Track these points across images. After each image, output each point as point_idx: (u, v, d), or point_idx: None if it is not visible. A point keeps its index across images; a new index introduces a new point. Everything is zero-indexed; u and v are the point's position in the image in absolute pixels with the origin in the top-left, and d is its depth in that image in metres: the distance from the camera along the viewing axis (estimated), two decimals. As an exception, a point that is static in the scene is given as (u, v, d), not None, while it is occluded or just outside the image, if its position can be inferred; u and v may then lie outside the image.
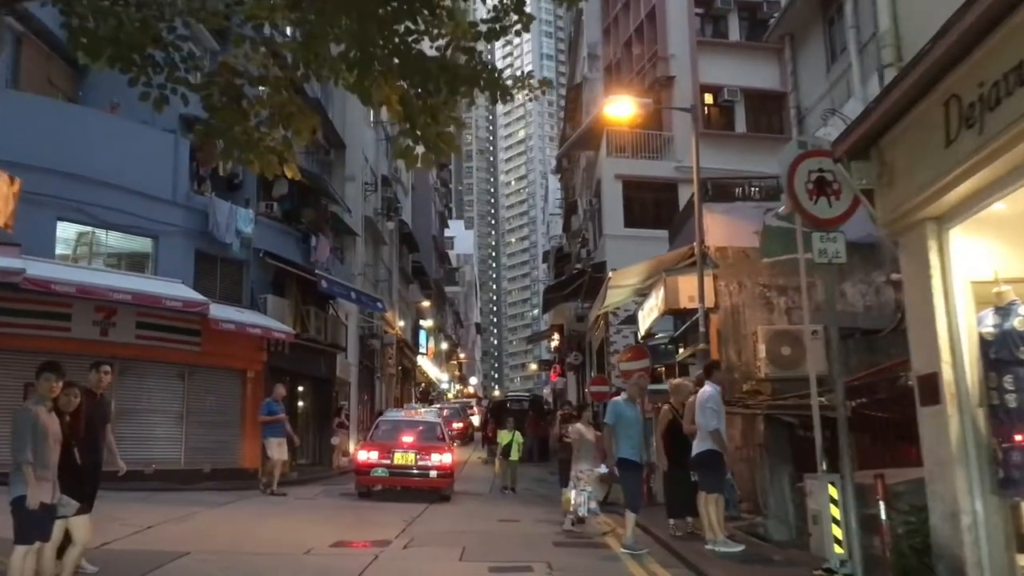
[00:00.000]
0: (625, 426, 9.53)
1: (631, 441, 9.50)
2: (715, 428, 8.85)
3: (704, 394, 9.09)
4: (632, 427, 9.58)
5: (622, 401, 9.90)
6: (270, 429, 16.47)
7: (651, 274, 12.85)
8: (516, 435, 18.23)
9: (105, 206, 17.31)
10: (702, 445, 8.98)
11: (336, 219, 26.12)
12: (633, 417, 9.68)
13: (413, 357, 45.05)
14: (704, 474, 9.12)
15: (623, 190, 24.76)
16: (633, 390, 10.17)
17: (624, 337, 23.89)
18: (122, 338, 17.18)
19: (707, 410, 8.97)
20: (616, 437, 9.51)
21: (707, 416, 8.93)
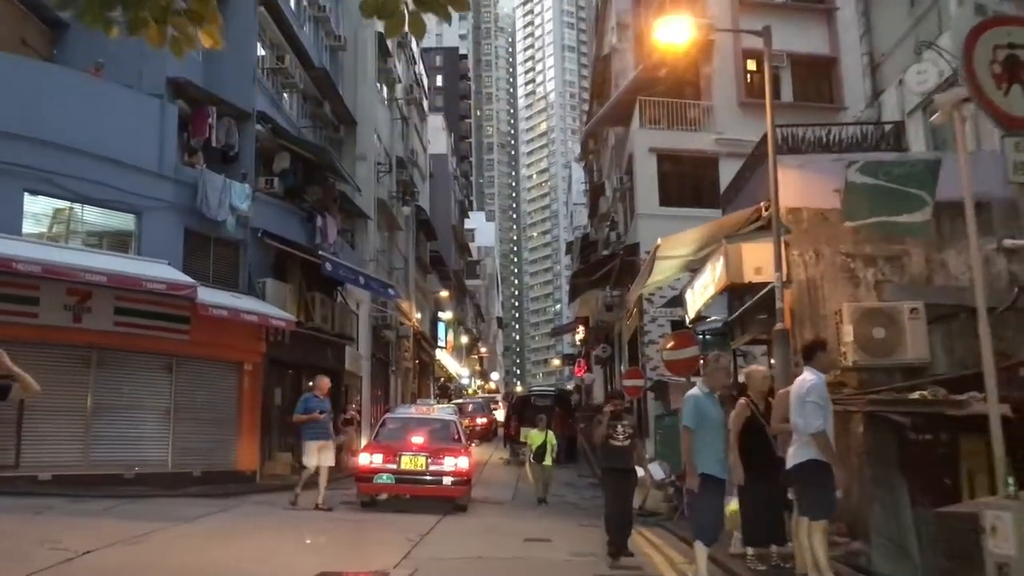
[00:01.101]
0: (708, 429, 7.19)
1: (713, 448, 7.18)
2: (820, 430, 6.56)
3: (804, 385, 6.79)
4: (715, 430, 7.29)
5: (702, 394, 7.39)
6: (309, 430, 13.40)
7: (707, 242, 10.67)
8: (550, 435, 16.02)
9: (80, 177, 15.37)
10: (803, 453, 6.70)
11: (345, 199, 24.11)
12: (716, 417, 7.38)
13: (431, 351, 43.05)
14: (806, 492, 6.81)
15: (658, 165, 22.56)
16: (714, 378, 7.57)
17: (660, 325, 21.75)
18: (98, 325, 15.25)
19: (808, 406, 6.67)
20: (696, 444, 7.18)
21: (809, 414, 6.63)
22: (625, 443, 9.05)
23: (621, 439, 9.02)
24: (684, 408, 7.31)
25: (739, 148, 22.01)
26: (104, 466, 15.21)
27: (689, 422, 7.24)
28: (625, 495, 9.17)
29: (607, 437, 9.04)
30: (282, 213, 20.14)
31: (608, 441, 9.05)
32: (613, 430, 9.03)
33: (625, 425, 9.15)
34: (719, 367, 7.76)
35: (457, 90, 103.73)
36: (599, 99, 31.56)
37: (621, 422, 9.14)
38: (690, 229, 10.81)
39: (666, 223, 21.99)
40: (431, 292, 43.00)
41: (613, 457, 9.12)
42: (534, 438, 15.81)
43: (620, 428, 9.05)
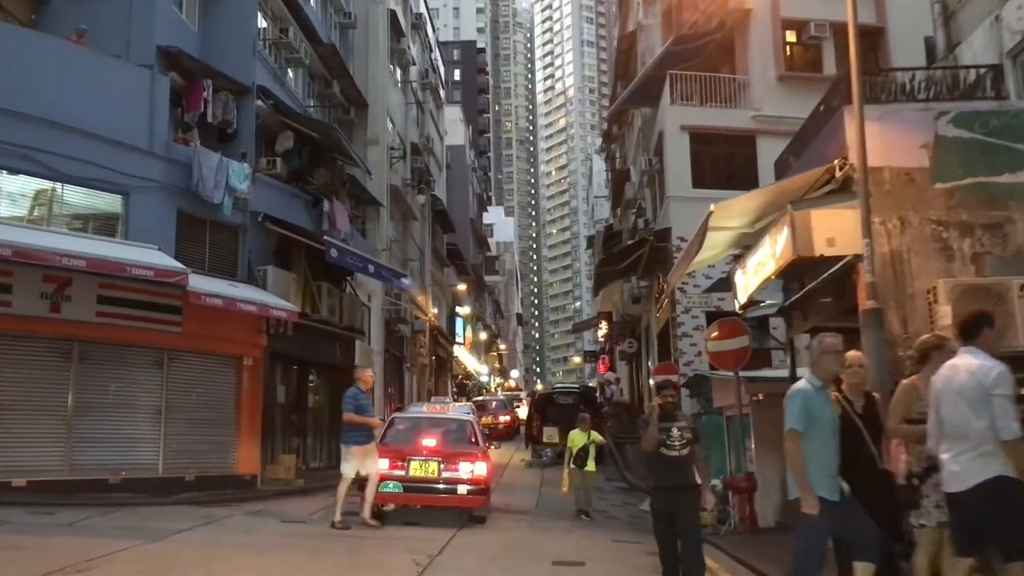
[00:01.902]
0: (817, 434, 5.27)
1: (821, 461, 5.25)
2: (1018, 435, 4.54)
3: (987, 372, 4.70)
4: (824, 436, 5.32)
5: (813, 388, 5.39)
6: (350, 433, 10.91)
7: (766, 210, 9.06)
8: (593, 435, 13.84)
9: (61, 154, 13.96)
10: (986, 467, 4.65)
11: (355, 184, 22.63)
12: (828, 419, 5.40)
13: (449, 347, 41.52)
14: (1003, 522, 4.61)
15: (690, 144, 20.88)
16: (824, 365, 5.47)
17: (694, 317, 20.16)
18: (79, 315, 13.84)
19: (998, 401, 4.59)
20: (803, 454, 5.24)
21: (1002, 413, 4.58)
22: (683, 452, 6.86)
23: (677, 447, 6.83)
24: (788, 406, 5.41)
25: (778, 126, 20.48)
26: (87, 471, 13.81)
27: (796, 423, 5.26)
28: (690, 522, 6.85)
29: (658, 444, 6.84)
30: (285, 196, 18.68)
31: (660, 450, 6.83)
32: (666, 435, 6.83)
33: (682, 428, 6.93)
34: (829, 350, 5.48)
35: (475, 84, 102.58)
36: (623, 80, 29.91)
37: (675, 423, 6.95)
38: (746, 194, 9.19)
39: (699, 206, 20.14)
40: (448, 285, 41.49)
41: (667, 471, 6.85)
42: (575, 438, 13.63)
43: (675, 432, 6.84)
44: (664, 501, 6.91)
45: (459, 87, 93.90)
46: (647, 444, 7.03)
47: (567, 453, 13.58)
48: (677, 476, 6.87)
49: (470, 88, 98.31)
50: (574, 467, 13.37)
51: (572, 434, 13.79)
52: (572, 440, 13.65)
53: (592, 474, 13.55)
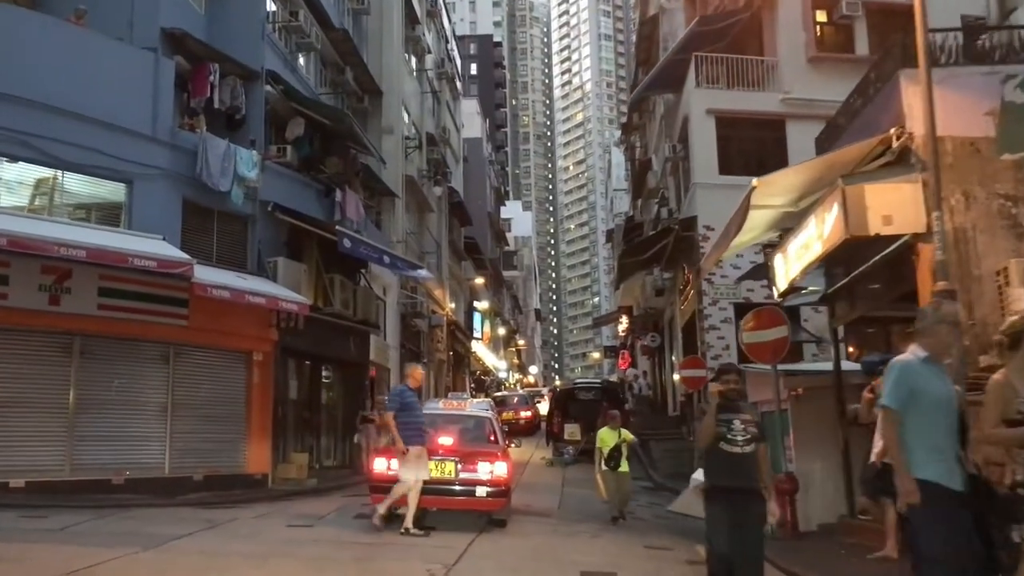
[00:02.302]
0: (924, 412, 4.40)
1: (933, 442, 4.37)
2: None
3: None
4: (936, 414, 4.43)
5: (916, 360, 4.51)
6: (404, 433, 9.84)
7: (812, 186, 8.24)
8: (625, 433, 12.60)
9: (61, 140, 13.37)
10: None
11: (369, 174, 21.94)
12: (941, 395, 4.48)
13: (467, 342, 40.81)
14: None
15: (716, 128, 20.02)
16: (937, 337, 4.54)
17: (721, 309, 19.34)
18: (80, 308, 13.24)
19: None
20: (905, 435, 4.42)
21: None
22: (746, 449, 5.76)
23: (740, 442, 5.74)
24: (887, 379, 4.60)
25: (809, 109, 19.60)
26: (89, 471, 13.22)
27: (891, 400, 4.45)
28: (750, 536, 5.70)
29: (717, 438, 5.77)
30: (296, 185, 18.01)
31: (719, 445, 5.78)
32: (727, 427, 5.76)
33: (746, 421, 5.81)
34: (945, 319, 4.57)
35: (492, 78, 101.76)
36: (644, 66, 29.03)
37: (739, 415, 5.83)
38: (791, 168, 8.39)
39: (727, 194, 19.32)
40: (466, 279, 40.78)
41: (728, 471, 5.75)
42: (606, 438, 12.44)
43: (737, 425, 5.75)
44: (723, 506, 5.73)
45: (476, 81, 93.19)
46: (703, 437, 5.94)
47: (597, 454, 12.49)
48: (741, 477, 5.73)
49: (487, 83, 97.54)
50: (606, 469, 12.24)
51: (601, 433, 12.67)
52: (602, 439, 12.53)
53: (626, 475, 12.49)
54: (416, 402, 10.32)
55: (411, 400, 10.18)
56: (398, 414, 9.88)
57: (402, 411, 9.93)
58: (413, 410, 10.08)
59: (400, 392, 10.29)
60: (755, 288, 19.10)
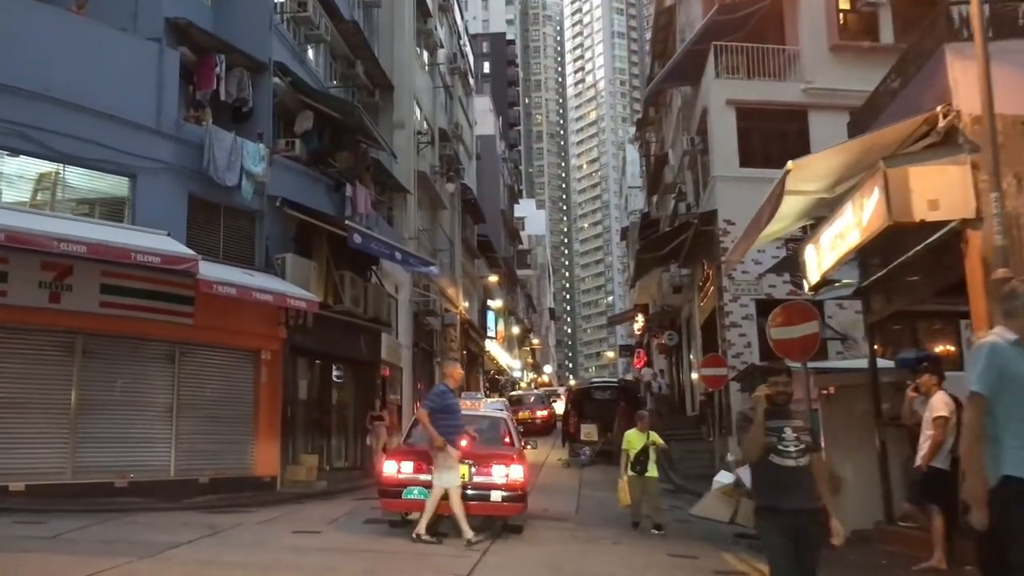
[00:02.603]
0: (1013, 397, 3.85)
1: None
2: None
3: None
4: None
5: (1006, 344, 3.95)
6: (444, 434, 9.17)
7: (848, 170, 7.69)
8: (653, 435, 11.74)
9: (62, 133, 12.99)
10: None
11: (380, 169, 21.48)
12: None
13: (480, 341, 40.32)
14: None
15: (737, 119, 19.43)
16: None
17: (743, 305, 18.73)
18: (81, 306, 12.85)
19: None
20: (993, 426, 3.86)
21: None
22: (800, 461, 4.92)
23: (793, 454, 4.91)
24: (972, 363, 4.03)
25: (832, 99, 19.04)
26: (92, 473, 12.83)
27: (981, 385, 3.90)
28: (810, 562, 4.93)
29: (766, 450, 4.91)
30: (305, 180, 17.58)
31: (769, 458, 4.92)
32: (778, 437, 4.91)
33: (798, 429, 4.99)
34: None
35: (504, 77, 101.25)
36: (661, 59, 28.45)
37: (790, 422, 5.02)
38: (827, 150, 7.84)
39: (748, 187, 18.86)
40: (479, 277, 40.30)
41: (782, 487, 4.89)
42: (632, 440, 11.60)
43: (789, 434, 4.92)
44: (779, 529, 4.89)
45: (488, 80, 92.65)
46: (750, 449, 5.00)
47: (623, 457, 11.68)
48: (796, 494, 4.88)
49: (500, 81, 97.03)
50: (633, 474, 11.41)
51: (629, 435, 11.85)
52: (629, 442, 11.64)
53: (655, 481, 11.64)
54: (457, 405, 9.72)
55: (453, 402, 9.59)
56: (435, 415, 9.25)
57: (440, 412, 9.29)
58: (454, 413, 9.46)
59: (442, 393, 9.56)
60: (777, 284, 18.53)
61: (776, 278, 18.48)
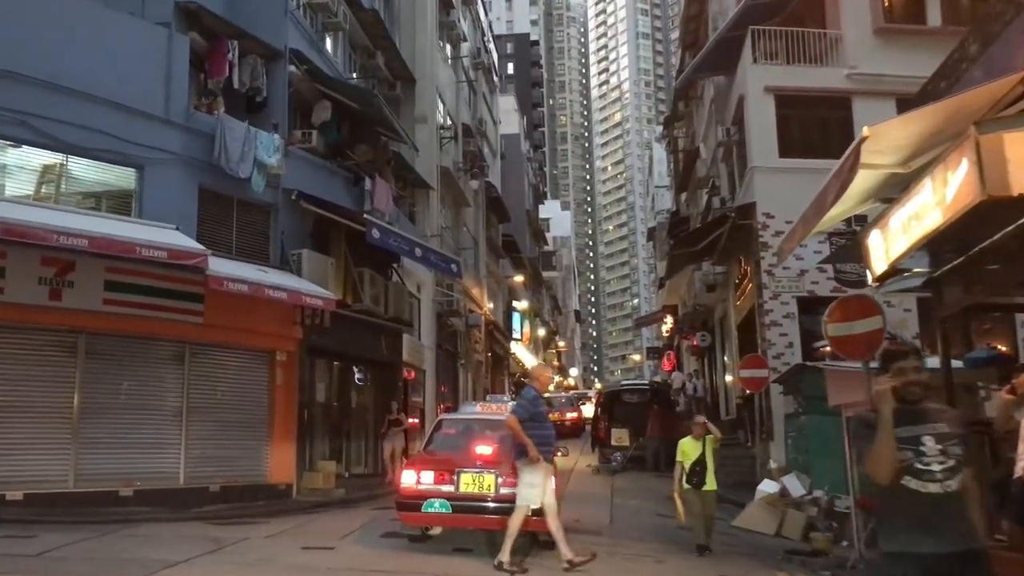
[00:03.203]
0: None
1: None
2: None
3: None
4: None
5: None
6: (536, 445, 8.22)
7: (928, 141, 6.67)
8: (709, 440, 10.31)
9: (65, 121, 12.28)
10: None
11: (401, 163, 20.68)
12: None
13: (506, 343, 39.42)
14: None
15: (776, 108, 18.42)
16: None
17: (783, 303, 17.69)
18: (84, 303, 12.13)
19: None
20: None
21: None
22: (949, 485, 3.54)
23: (938, 474, 3.54)
24: None
25: (877, 85, 18.03)
26: (95, 481, 12.10)
27: None
28: None
29: (898, 469, 3.53)
30: (322, 173, 16.80)
31: (901, 482, 3.56)
32: (914, 450, 3.57)
33: (945, 438, 3.59)
34: None
35: (528, 78, 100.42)
36: (692, 49, 27.44)
37: (930, 427, 3.63)
38: (906, 114, 6.83)
39: (788, 178, 17.93)
40: (505, 277, 39.43)
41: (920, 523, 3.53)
42: (687, 450, 10.24)
43: (930, 444, 3.57)
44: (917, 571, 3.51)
45: (513, 81, 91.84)
46: (878, 469, 3.57)
47: (677, 469, 10.41)
48: (947, 534, 3.52)
49: (524, 82, 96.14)
50: (688, 487, 10.06)
51: (683, 444, 10.43)
52: (683, 452, 10.33)
53: (712, 495, 10.25)
54: (545, 413, 8.79)
55: (543, 409, 8.66)
56: (525, 423, 8.24)
57: (529, 421, 8.31)
58: (543, 422, 8.51)
59: (534, 399, 8.49)
60: (820, 280, 17.51)
61: (819, 274, 17.48)
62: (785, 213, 17.90)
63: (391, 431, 16.88)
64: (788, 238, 9.14)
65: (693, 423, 10.55)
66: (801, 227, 8.10)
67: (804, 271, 17.66)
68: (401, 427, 16.76)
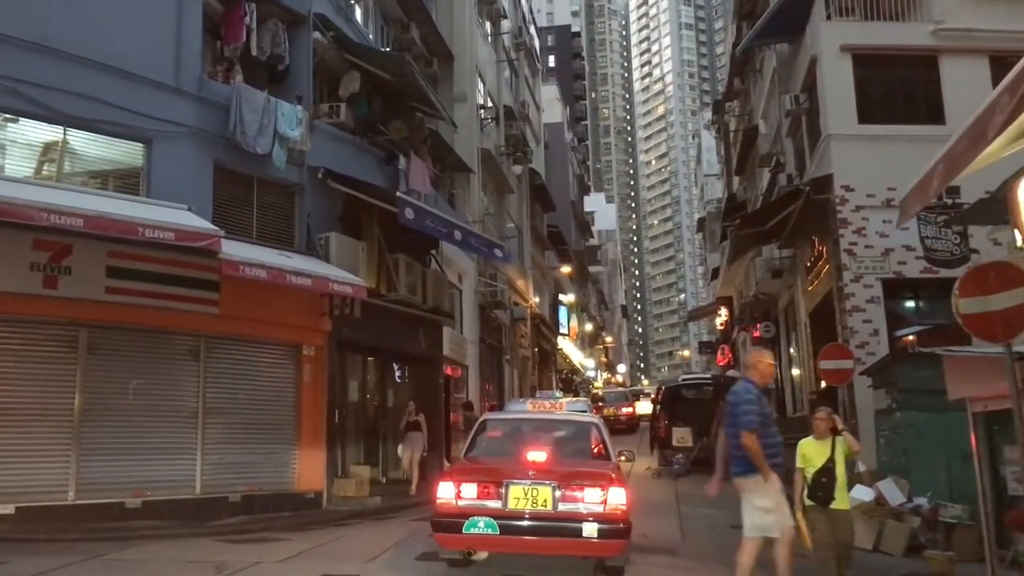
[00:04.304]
0: None
1: None
2: None
3: None
4: None
5: None
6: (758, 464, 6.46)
7: None
8: (841, 442, 7.65)
9: (65, 90, 10.97)
10: None
11: (439, 143, 19.15)
12: None
13: (552, 338, 37.73)
14: None
15: (854, 68, 16.51)
16: None
17: (867, 286, 15.78)
18: (84, 292, 10.81)
19: None
20: None
21: None
22: None
23: None
24: None
25: (967, 42, 16.24)
26: (99, 492, 10.79)
27: None
28: None
29: None
30: (352, 150, 15.35)
31: None
32: None
33: None
34: None
35: (570, 70, 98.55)
36: (749, 19, 25.47)
37: None
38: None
39: (869, 147, 16.05)
40: (551, 268, 37.76)
41: None
42: (809, 454, 7.73)
43: None
44: None
45: (554, 74, 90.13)
46: None
47: (798, 477, 7.79)
48: None
49: (566, 75, 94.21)
50: (812, 504, 7.60)
51: (802, 445, 7.85)
52: (804, 456, 7.79)
53: (847, 515, 7.82)
54: (772, 414, 6.95)
55: (769, 410, 6.90)
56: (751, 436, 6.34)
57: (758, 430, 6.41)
58: (770, 426, 6.63)
59: (757, 397, 6.56)
60: (908, 260, 15.60)
61: (907, 253, 15.57)
62: (866, 185, 16.05)
63: (409, 435, 15.12)
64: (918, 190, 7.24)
65: (815, 418, 8.00)
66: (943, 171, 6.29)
67: (889, 250, 15.76)
68: (420, 430, 15.00)
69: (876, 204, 15.77)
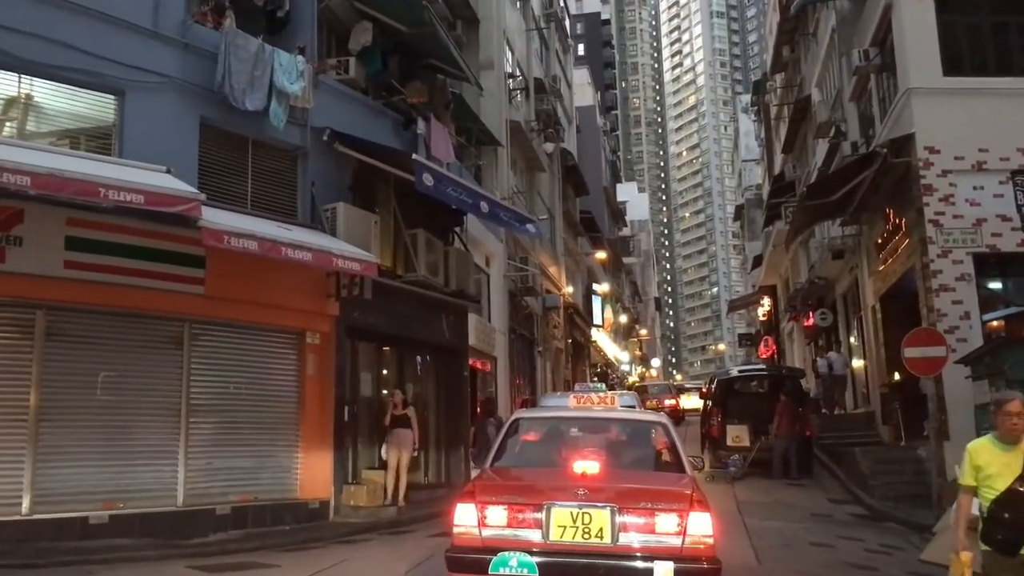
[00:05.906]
0: None
1: None
2: None
3: None
4: None
5: None
6: None
7: None
8: None
9: (24, 31, 9.25)
10: None
11: (463, 110, 17.25)
12: None
13: (586, 330, 35.70)
14: None
15: (936, 13, 14.37)
16: None
17: (956, 262, 13.68)
18: (38, 268, 9.09)
19: None
20: None
21: None
22: None
23: None
24: None
25: (1072, -23, 13.89)
26: (60, 504, 9.06)
27: None
28: None
29: None
30: (363, 111, 13.49)
31: None
32: None
33: None
34: None
35: (600, 58, 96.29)
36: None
37: None
38: None
39: (958, 102, 13.90)
40: (585, 254, 35.78)
41: None
42: (986, 462, 4.76)
43: None
44: None
45: (585, 63, 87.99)
46: None
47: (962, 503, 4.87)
48: None
49: (596, 63, 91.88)
50: (988, 550, 4.65)
51: (974, 450, 4.89)
52: (973, 464, 4.86)
53: None
54: None
55: None
56: None
57: None
58: None
59: None
60: (1003, 232, 13.48)
61: (1002, 224, 13.46)
62: (953, 146, 13.90)
63: (395, 432, 12.35)
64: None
65: (1003, 410, 4.71)
66: None
67: (982, 220, 13.62)
68: (409, 427, 12.72)
69: (965, 168, 13.68)
